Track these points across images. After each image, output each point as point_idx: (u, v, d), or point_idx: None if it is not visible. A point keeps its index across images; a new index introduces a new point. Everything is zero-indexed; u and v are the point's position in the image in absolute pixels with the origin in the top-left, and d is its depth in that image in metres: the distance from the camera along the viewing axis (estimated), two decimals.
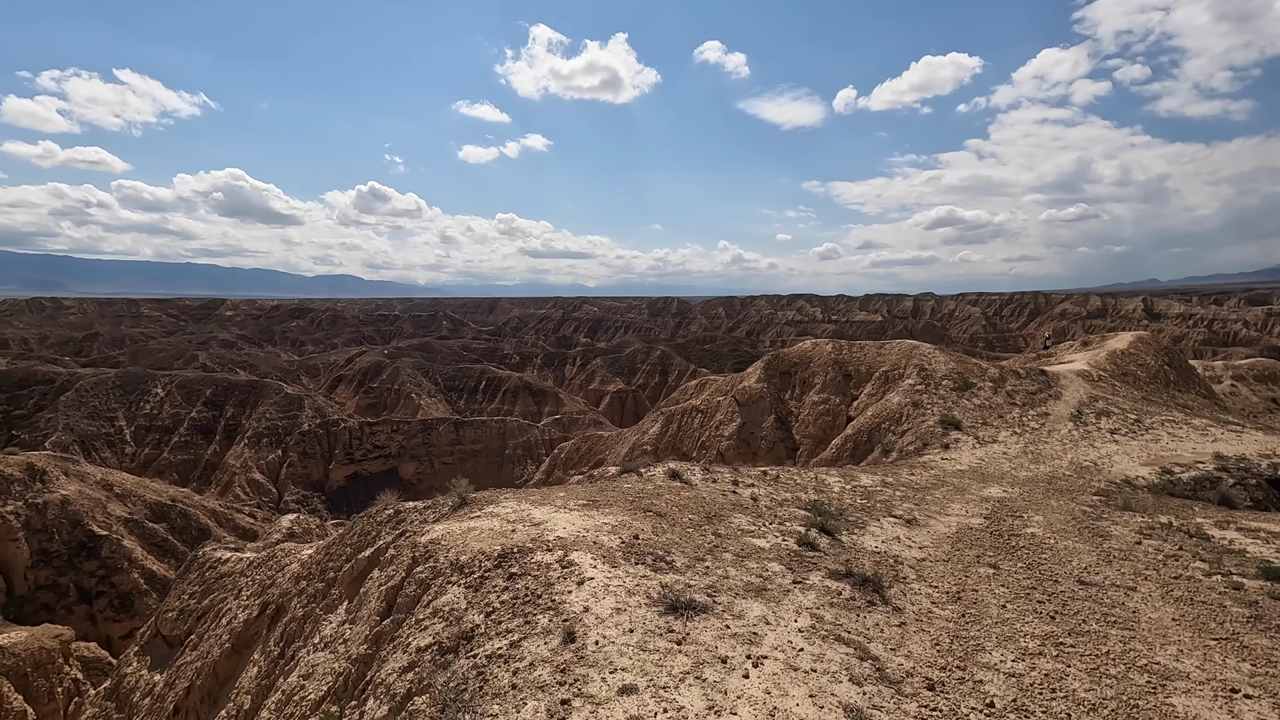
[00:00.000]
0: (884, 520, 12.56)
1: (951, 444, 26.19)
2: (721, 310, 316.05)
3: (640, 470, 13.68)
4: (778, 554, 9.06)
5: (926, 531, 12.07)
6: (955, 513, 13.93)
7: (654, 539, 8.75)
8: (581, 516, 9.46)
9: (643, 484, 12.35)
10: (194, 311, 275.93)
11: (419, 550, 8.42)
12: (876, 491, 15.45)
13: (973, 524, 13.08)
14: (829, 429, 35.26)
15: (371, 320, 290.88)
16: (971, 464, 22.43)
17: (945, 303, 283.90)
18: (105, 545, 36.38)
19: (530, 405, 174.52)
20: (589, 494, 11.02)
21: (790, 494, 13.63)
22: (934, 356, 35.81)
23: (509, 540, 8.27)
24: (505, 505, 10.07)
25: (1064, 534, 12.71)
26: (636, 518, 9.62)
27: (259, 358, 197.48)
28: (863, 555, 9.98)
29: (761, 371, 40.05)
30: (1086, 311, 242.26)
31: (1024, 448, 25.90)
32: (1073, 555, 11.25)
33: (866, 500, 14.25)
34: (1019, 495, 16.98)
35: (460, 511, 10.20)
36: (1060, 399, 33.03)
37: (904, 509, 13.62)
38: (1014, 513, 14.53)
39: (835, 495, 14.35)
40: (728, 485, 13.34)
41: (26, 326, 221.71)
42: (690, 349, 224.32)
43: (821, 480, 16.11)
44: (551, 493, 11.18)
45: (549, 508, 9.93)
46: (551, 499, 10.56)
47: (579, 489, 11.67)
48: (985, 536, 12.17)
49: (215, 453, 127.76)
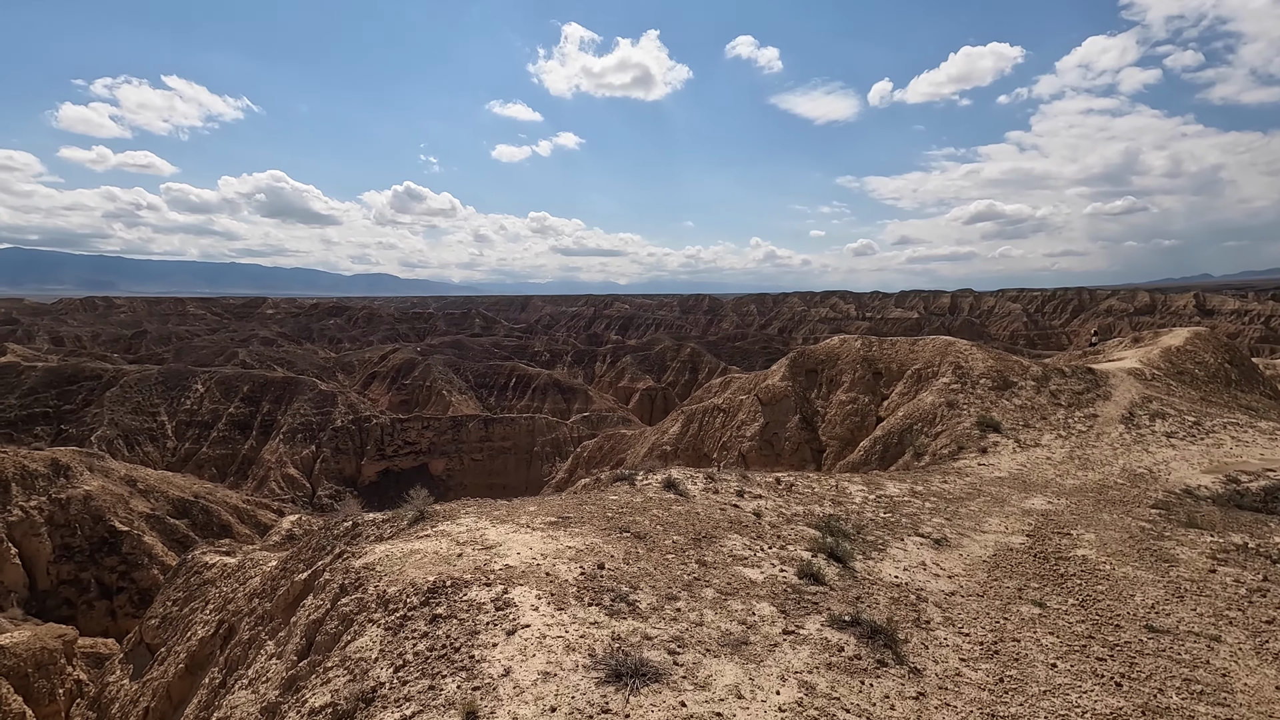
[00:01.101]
0: (908, 540, 11.01)
1: (989, 447, 24.28)
2: (753, 307, 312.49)
3: (634, 478, 12.37)
4: (771, 589, 7.63)
5: (958, 554, 10.52)
6: (993, 529, 12.30)
7: (622, 569, 7.43)
8: (544, 538, 8.20)
9: (631, 495, 11.03)
10: (237, 310, 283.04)
11: (350, 577, 7.27)
12: (903, 502, 13.87)
13: (1013, 543, 11.45)
14: (857, 430, 33.42)
15: (406, 318, 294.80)
16: (1011, 470, 20.58)
17: (984, 299, 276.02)
18: (126, 541, 36.60)
19: (559, 402, 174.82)
20: (562, 509, 9.75)
21: (802, 507, 12.15)
22: (971, 353, 33.72)
23: (449, 569, 7.05)
24: (462, 521, 8.88)
25: (1121, 557, 11.01)
26: (609, 540, 8.33)
27: (297, 355, 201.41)
28: (878, 589, 8.46)
29: (786, 369, 38.27)
30: (1134, 308, 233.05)
31: (1070, 452, 23.87)
32: (1135, 588, 9.59)
33: (891, 514, 12.68)
34: (1066, 507, 15.21)
35: (415, 527, 9.05)
36: (1110, 399, 30.72)
37: (933, 525, 12.04)
38: (1061, 529, 12.83)
39: (855, 508, 12.83)
40: (730, 497, 11.93)
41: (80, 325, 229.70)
42: (721, 346, 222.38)
43: (842, 489, 14.59)
44: (520, 507, 9.93)
45: (509, 526, 8.68)
46: (516, 515, 9.31)
47: (555, 502, 10.40)
48: (1028, 561, 10.54)
49: (252, 448, 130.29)
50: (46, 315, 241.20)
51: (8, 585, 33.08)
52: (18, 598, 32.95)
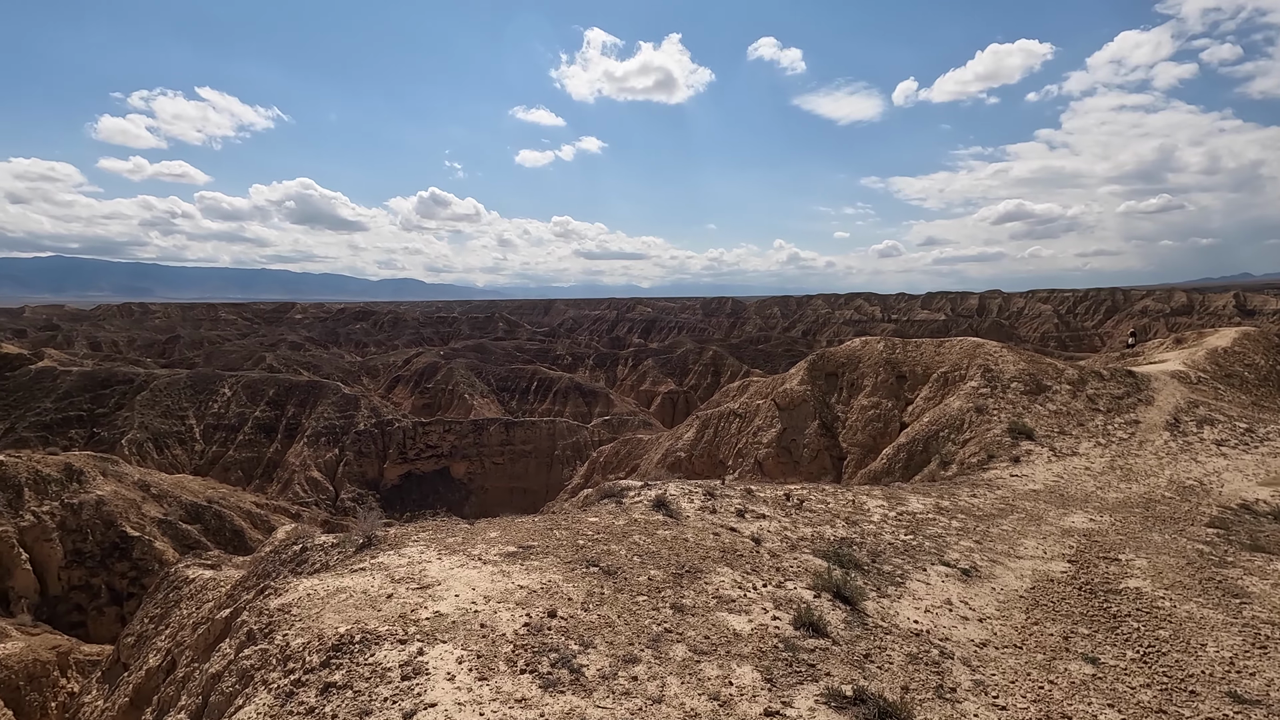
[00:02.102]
0: (932, 570, 9.67)
1: (1022, 456, 22.66)
2: (777, 310, 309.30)
3: (623, 496, 11.19)
4: (759, 645, 6.36)
5: (990, 588, 9.17)
6: (1029, 553, 10.90)
7: (578, 617, 6.27)
8: (494, 574, 7.07)
9: (615, 517, 9.84)
10: (267, 315, 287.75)
11: (262, 621, 6.25)
12: (927, 520, 12.49)
13: (1053, 572, 10.05)
14: (879, 436, 31.82)
15: (431, 322, 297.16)
16: (1047, 482, 19.00)
17: (1013, 300, 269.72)
18: (137, 546, 36.46)
19: (581, 406, 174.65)
20: (527, 535, 8.60)
21: (811, 529, 10.85)
22: (1001, 356, 31.94)
23: (369, 615, 5.97)
24: (407, 551, 7.80)
25: (1182, 591, 9.56)
26: (572, 577, 7.18)
27: (323, 359, 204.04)
28: (892, 641, 7.14)
29: (805, 373, 36.71)
30: (1170, 308, 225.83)
31: (1110, 462, 22.15)
32: (1205, 634, 8.16)
33: (912, 535, 11.33)
34: (1110, 526, 13.70)
35: (359, 555, 8.02)
36: (1153, 404, 28.80)
37: (961, 550, 10.68)
38: (1107, 553, 11.38)
39: (873, 528, 11.49)
40: (729, 518, 10.68)
41: (117, 330, 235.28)
42: (744, 349, 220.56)
43: (860, 504, 13.26)
44: (481, 532, 8.80)
45: (458, 558, 7.57)
46: (472, 543, 8.19)
47: (523, 526, 9.24)
48: (1072, 596, 9.15)
49: (277, 451, 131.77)
50: (85, 321, 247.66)
51: (18, 591, 33.10)
52: (28, 603, 32.94)
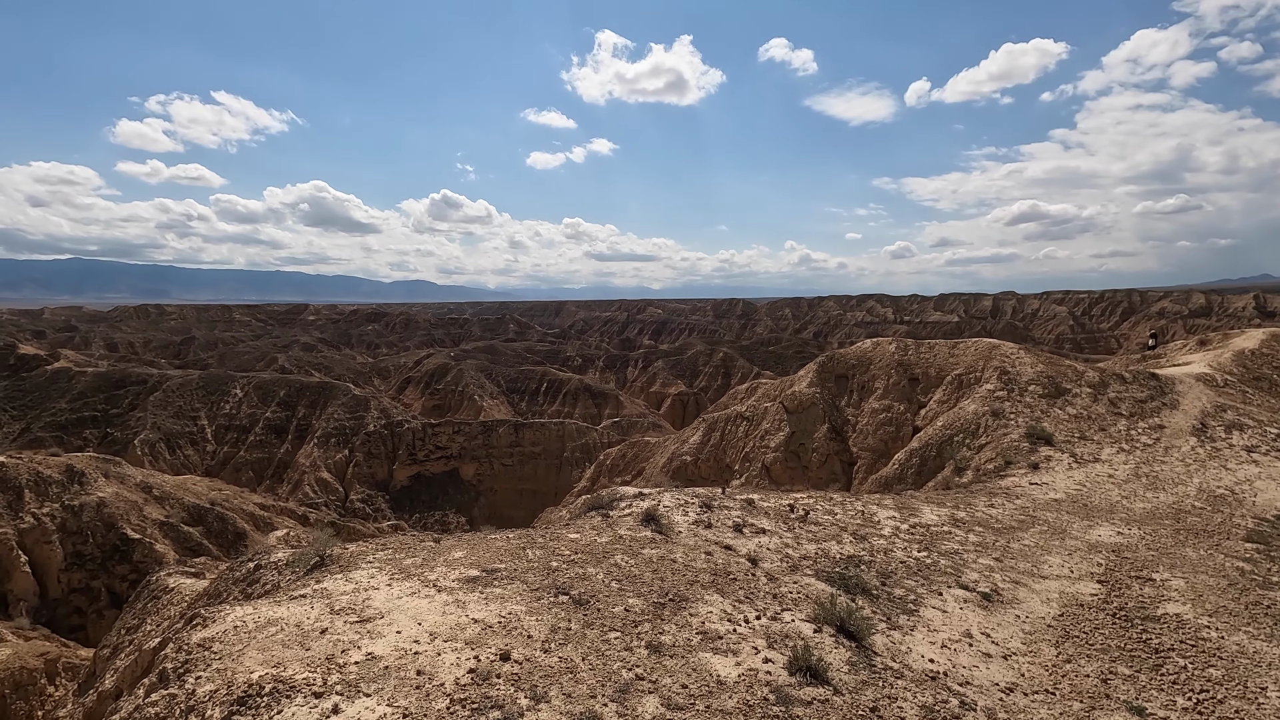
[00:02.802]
0: (949, 594, 8.80)
1: (1041, 463, 21.65)
2: (788, 311, 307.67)
3: (612, 508, 10.41)
4: (745, 699, 5.47)
5: (1014, 615, 8.30)
6: (1055, 572, 10.01)
7: (535, 660, 5.48)
8: (447, 605, 6.31)
9: (598, 533, 9.05)
10: (280, 316, 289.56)
11: (180, 658, 5.52)
12: (942, 534, 11.62)
13: (1083, 595, 9.16)
14: (891, 441, 30.78)
15: (442, 324, 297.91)
16: (1069, 490, 18.02)
17: (1028, 302, 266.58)
18: (138, 549, 36.11)
19: (590, 407, 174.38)
20: (495, 556, 7.82)
21: (815, 546, 10.00)
22: (1018, 357, 30.85)
23: (292, 656, 5.23)
24: (357, 575, 7.05)
25: (1228, 618, 8.64)
26: (537, 607, 6.40)
27: (334, 360, 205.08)
28: (903, 689, 6.23)
29: (814, 375, 35.65)
30: (1188, 310, 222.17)
31: (1135, 469, 21.10)
32: (1262, 672, 7.23)
33: (927, 552, 10.45)
34: (1140, 540, 12.75)
35: (308, 577, 7.31)
36: (1178, 408, 27.65)
37: (980, 568, 9.80)
38: (1139, 571, 10.46)
39: (883, 544, 10.62)
40: (725, 533, 9.86)
41: (133, 331, 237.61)
42: (754, 351, 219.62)
43: (870, 516, 12.39)
44: (444, 552, 8.01)
45: (412, 583, 6.82)
46: (431, 565, 7.43)
47: (494, 544, 8.44)
48: (1106, 624, 8.26)
49: (287, 451, 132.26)
50: (103, 322, 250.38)
51: (17, 594, 32.81)
52: (27, 606, 32.65)
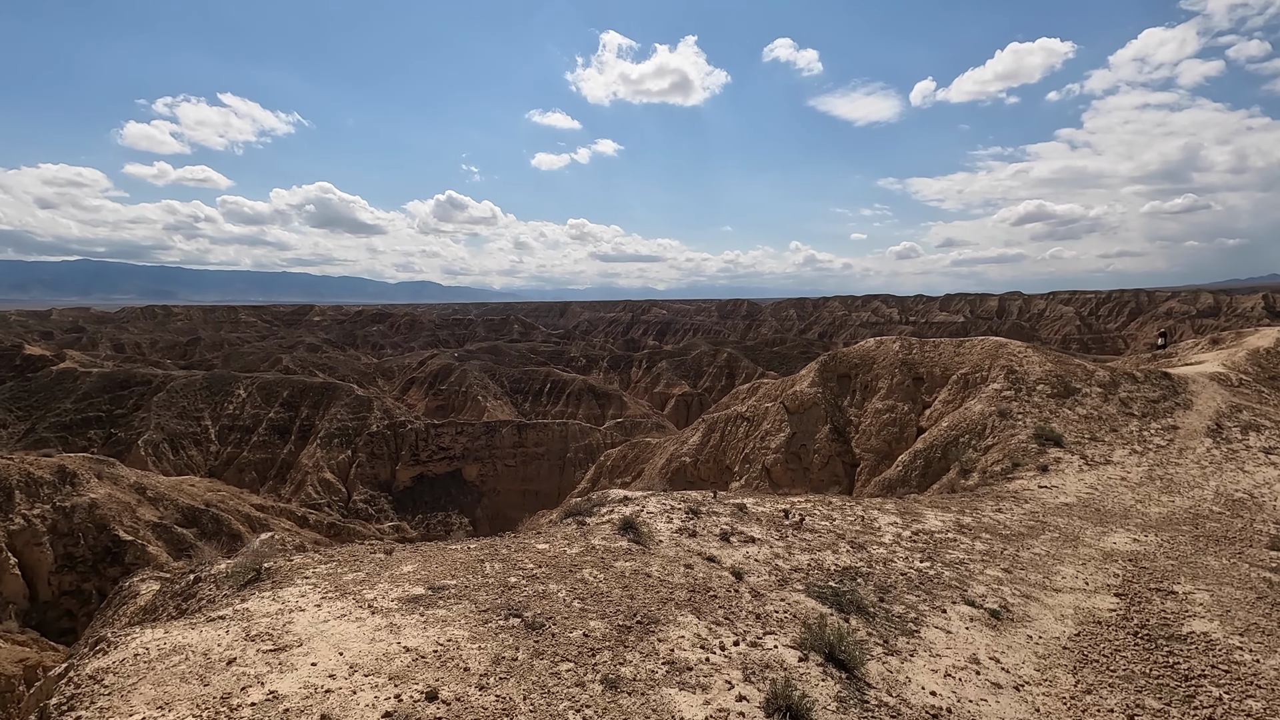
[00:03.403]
0: (953, 611, 8.09)
1: (1051, 465, 20.88)
2: (793, 312, 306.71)
3: (589, 516, 9.73)
4: None
5: (1026, 637, 7.58)
6: (1068, 584, 9.29)
7: (468, 699, 4.75)
8: (379, 629, 5.65)
9: (569, 543, 8.36)
10: (286, 317, 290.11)
11: (68, 693, 4.91)
12: (947, 542, 10.91)
13: (1100, 609, 8.45)
14: (895, 442, 30.04)
15: (447, 324, 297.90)
16: (1080, 494, 17.26)
17: (1034, 302, 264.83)
18: (130, 551, 35.68)
19: (594, 408, 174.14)
20: (447, 570, 7.14)
21: (809, 556, 9.29)
22: (1025, 356, 30.07)
23: (185, 694, 4.57)
24: (287, 592, 6.37)
25: (1260, 637, 7.91)
26: (483, 632, 5.71)
27: (339, 360, 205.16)
28: None
29: (816, 374, 34.91)
30: (1196, 310, 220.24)
31: (1149, 472, 20.32)
32: None
33: (930, 562, 9.74)
34: (1158, 548, 12.01)
35: (245, 591, 6.69)
36: (1191, 408, 26.82)
37: (987, 581, 9.08)
38: (1159, 583, 9.74)
39: (883, 553, 9.91)
40: (711, 543, 9.16)
41: (140, 332, 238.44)
42: (759, 351, 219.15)
43: (870, 522, 11.69)
44: (392, 566, 7.32)
45: (347, 602, 6.17)
46: (374, 581, 6.75)
47: (452, 555, 7.77)
48: (1128, 646, 7.52)
49: (290, 452, 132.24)
50: (110, 323, 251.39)
51: (6, 596, 32.37)
52: (16, 609, 32.23)
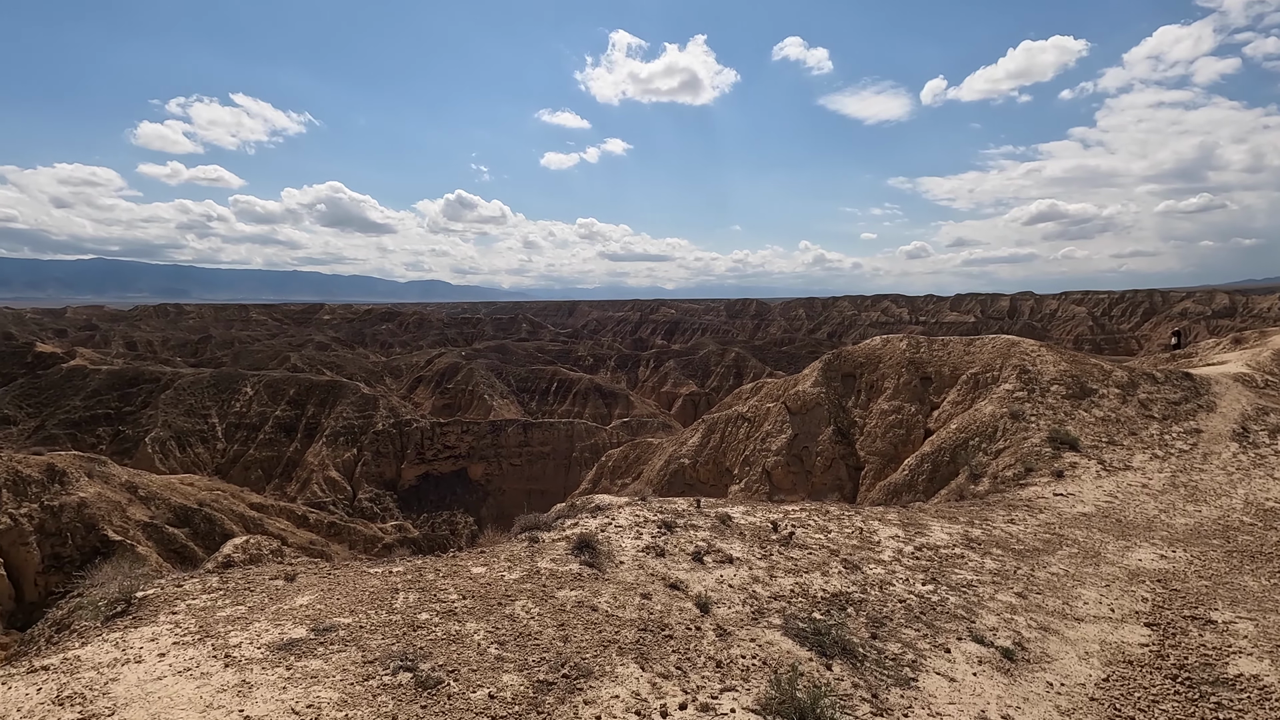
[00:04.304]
0: (958, 651, 6.97)
1: (1066, 470, 19.68)
2: (802, 312, 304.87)
3: (542, 531, 8.69)
4: None
5: (1045, 685, 6.45)
6: (1092, 611, 8.19)
7: None
8: (223, 689, 4.61)
9: (511, 567, 7.30)
10: (296, 316, 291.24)
11: None
12: (954, 559, 9.81)
13: (1130, 645, 7.35)
14: (901, 444, 28.83)
15: (455, 323, 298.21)
16: (1099, 503, 16.08)
17: (1046, 302, 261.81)
18: (118, 552, 34.98)
19: (600, 407, 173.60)
20: (355, 601, 6.10)
21: (794, 579, 8.20)
22: (1039, 355, 28.79)
23: None
24: (136, 635, 5.39)
25: None
26: (356, 693, 4.66)
27: (347, 359, 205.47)
28: None
29: (819, 373, 33.67)
30: (1212, 310, 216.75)
31: (1172, 478, 19.09)
32: None
33: (933, 585, 8.63)
34: (1188, 565, 10.86)
35: (108, 624, 5.74)
36: (1215, 411, 25.49)
37: (999, 610, 7.98)
38: (1194, 607, 8.62)
39: (881, 573, 8.82)
40: (681, 563, 8.08)
41: (152, 330, 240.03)
42: (767, 351, 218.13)
43: (869, 535, 10.60)
44: (283, 597, 6.29)
45: (203, 649, 5.18)
46: (251, 619, 5.70)
47: (366, 583, 6.73)
48: (1167, 696, 6.38)
49: (296, 450, 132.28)
50: (123, 321, 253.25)
51: None
52: (1, 610, 31.65)
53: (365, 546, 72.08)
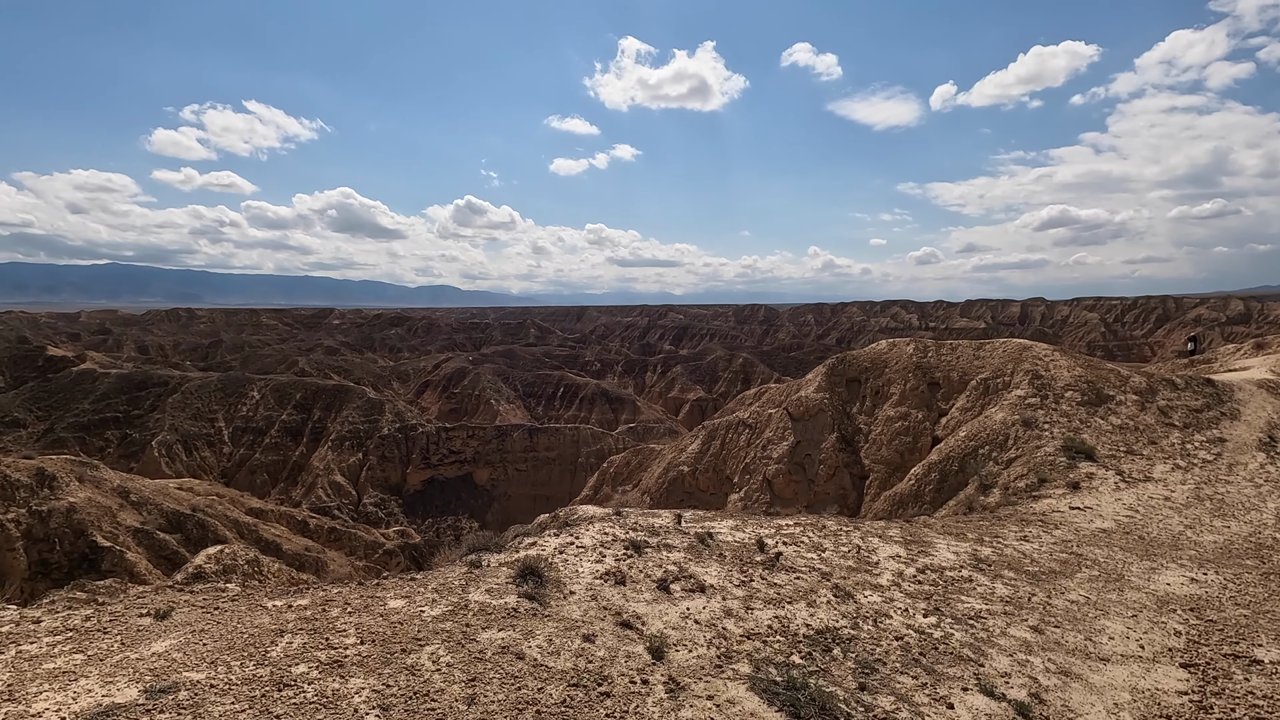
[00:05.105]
0: (963, 705, 5.88)
1: (1082, 481, 18.56)
2: (811, 317, 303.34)
3: (489, 554, 7.72)
4: None
5: None
6: (1119, 649, 7.17)
7: None
8: None
9: (434, 600, 6.25)
10: (306, 320, 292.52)
11: None
12: (960, 583, 8.80)
13: (1166, 694, 6.31)
14: (908, 453, 27.67)
15: (464, 328, 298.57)
16: (1118, 517, 14.97)
17: (1057, 308, 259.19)
18: (107, 558, 34.39)
19: (607, 412, 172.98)
20: (222, 648, 5.06)
21: (774, 611, 7.18)
22: (1052, 359, 27.61)
23: None
24: None
25: None
26: None
27: (355, 363, 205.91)
28: None
29: (823, 378, 32.50)
30: (1226, 316, 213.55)
31: (1196, 490, 17.92)
32: None
33: (935, 617, 7.62)
34: (1222, 589, 9.79)
35: None
36: (1239, 418, 24.26)
37: (1011, 648, 6.97)
38: (1233, 641, 7.58)
39: (877, 602, 7.80)
40: (642, 593, 7.05)
41: (164, 334, 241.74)
42: (775, 357, 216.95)
43: (867, 555, 9.60)
44: (133, 645, 5.19)
45: None
46: (68, 681, 4.59)
47: (252, 621, 5.74)
48: None
49: (302, 454, 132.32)
50: (135, 325, 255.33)
51: None
52: None
53: (365, 552, 71.39)
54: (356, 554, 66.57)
